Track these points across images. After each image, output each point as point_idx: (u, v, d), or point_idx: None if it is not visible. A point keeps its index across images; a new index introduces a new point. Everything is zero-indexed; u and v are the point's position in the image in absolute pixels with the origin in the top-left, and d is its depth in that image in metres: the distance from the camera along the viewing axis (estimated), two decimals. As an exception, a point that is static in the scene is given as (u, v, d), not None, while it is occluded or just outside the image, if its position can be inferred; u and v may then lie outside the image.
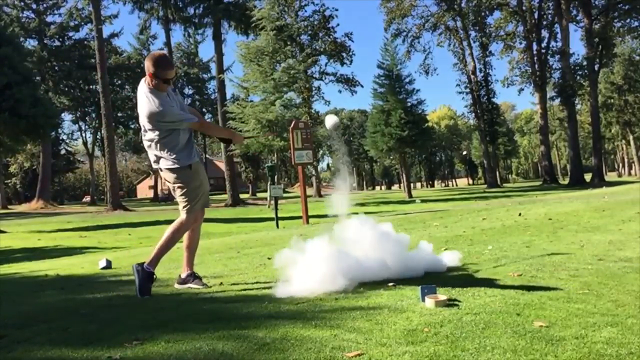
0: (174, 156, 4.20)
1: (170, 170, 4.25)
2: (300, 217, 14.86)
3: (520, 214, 10.09)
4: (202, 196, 4.39)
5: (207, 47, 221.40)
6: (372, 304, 3.29)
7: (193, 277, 4.38)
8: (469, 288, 3.61)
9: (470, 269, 4.46)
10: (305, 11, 38.73)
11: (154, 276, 4.22)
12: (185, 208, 4.29)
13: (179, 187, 4.29)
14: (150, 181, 76.48)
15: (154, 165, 4.36)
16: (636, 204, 10.19)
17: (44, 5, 48.04)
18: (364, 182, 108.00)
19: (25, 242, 18.06)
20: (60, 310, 3.70)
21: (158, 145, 4.19)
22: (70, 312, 3.61)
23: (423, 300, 3.26)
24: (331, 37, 39.50)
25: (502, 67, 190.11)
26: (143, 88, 4.13)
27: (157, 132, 4.15)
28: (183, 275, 4.39)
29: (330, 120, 4.51)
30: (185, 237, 4.47)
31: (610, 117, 63.29)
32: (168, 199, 55.22)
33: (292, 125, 14.05)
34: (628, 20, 46.11)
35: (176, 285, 4.40)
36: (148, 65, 4.10)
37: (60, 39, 49.71)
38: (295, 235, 5.80)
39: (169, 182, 4.37)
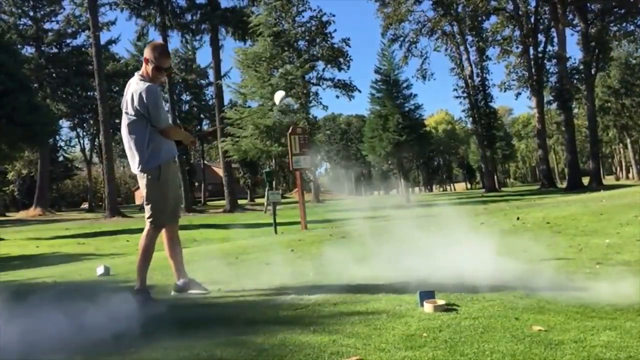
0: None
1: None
2: (298, 223, 14.84)
3: (518, 218, 10.09)
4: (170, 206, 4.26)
5: (205, 53, 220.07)
6: (371, 309, 3.29)
7: (192, 283, 4.36)
8: (467, 293, 3.60)
9: (467, 274, 4.45)
10: (303, 17, 38.85)
11: (148, 291, 4.21)
12: (150, 220, 4.22)
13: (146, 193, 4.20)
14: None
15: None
16: (634, 208, 10.19)
17: (41, 12, 47.98)
18: (362, 187, 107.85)
19: (23, 250, 18.00)
20: (57, 317, 3.68)
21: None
22: (67, 319, 3.59)
23: (421, 305, 3.26)
24: (328, 42, 39.58)
25: (499, 71, 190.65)
26: (135, 79, 4.14)
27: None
28: (179, 283, 4.37)
29: (278, 96, 5.10)
30: (166, 247, 4.43)
31: (607, 120, 63.39)
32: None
33: (290, 131, 14.05)
34: (624, 25, 46.25)
35: (173, 293, 4.38)
36: (146, 52, 4.16)
37: (58, 46, 49.65)
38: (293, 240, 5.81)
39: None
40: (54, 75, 49.34)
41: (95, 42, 35.11)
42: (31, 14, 47.57)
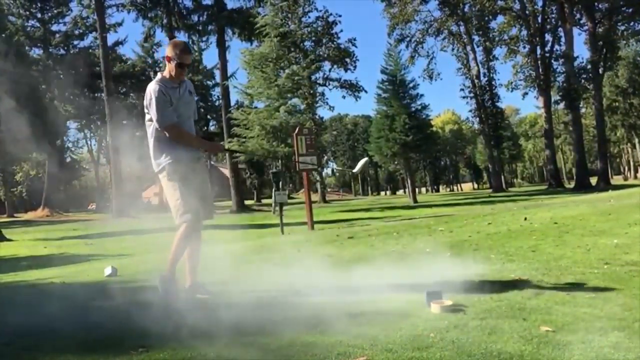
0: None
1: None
2: (305, 223, 14.85)
3: (525, 218, 10.05)
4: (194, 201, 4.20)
5: (211, 54, 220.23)
6: (378, 309, 3.29)
7: (198, 286, 4.36)
8: (475, 293, 3.59)
9: (474, 274, 4.44)
10: (309, 17, 38.74)
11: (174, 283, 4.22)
12: (178, 220, 4.21)
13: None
14: (155, 188, 76.51)
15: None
16: (642, 208, 10.13)
17: (49, 14, 48.20)
18: (369, 188, 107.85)
19: (31, 250, 18.05)
20: (66, 317, 3.70)
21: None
22: (75, 319, 3.61)
23: (429, 305, 3.25)
24: (335, 43, 39.51)
25: (506, 71, 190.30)
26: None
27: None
28: (187, 285, 4.37)
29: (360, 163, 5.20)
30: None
31: (615, 120, 63.06)
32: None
33: (296, 132, 14.05)
34: (632, 24, 45.92)
35: (182, 295, 4.38)
36: (167, 50, 4.13)
37: (65, 48, 49.91)
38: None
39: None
40: (61, 76, 49.55)
41: (103, 44, 35.25)
42: (39, 15, 47.81)
